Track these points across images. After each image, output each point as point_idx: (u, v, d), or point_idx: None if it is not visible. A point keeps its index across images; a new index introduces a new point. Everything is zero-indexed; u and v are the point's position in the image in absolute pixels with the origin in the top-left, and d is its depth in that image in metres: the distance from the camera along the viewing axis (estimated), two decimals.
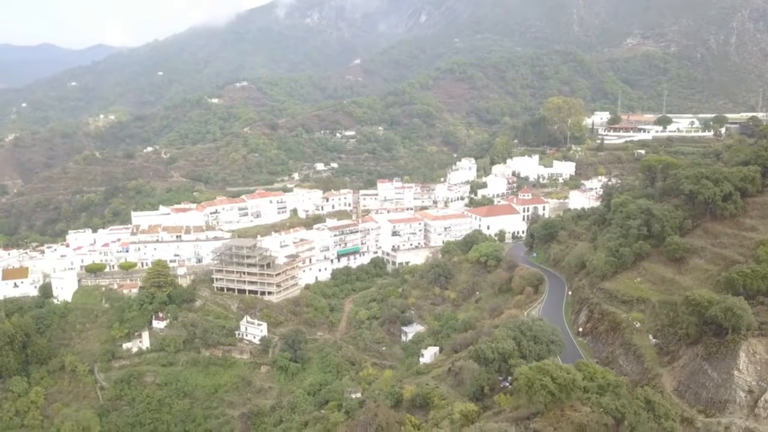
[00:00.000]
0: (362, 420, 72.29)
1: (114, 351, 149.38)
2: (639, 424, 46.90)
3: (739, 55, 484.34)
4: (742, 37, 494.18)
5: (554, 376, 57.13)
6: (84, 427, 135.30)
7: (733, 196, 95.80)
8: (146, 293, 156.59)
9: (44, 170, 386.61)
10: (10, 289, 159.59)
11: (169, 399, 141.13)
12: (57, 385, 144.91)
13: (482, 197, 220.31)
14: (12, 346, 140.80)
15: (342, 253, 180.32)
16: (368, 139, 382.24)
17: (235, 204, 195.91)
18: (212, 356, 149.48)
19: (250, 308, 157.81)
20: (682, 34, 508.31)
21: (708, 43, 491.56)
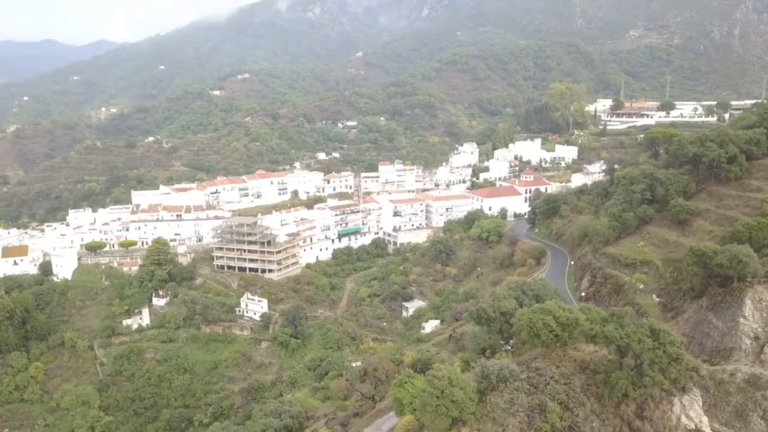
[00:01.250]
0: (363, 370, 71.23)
1: (114, 327, 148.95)
2: (644, 351, 45.84)
3: (742, 47, 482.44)
4: (745, 28, 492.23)
5: (556, 315, 55.99)
6: (83, 402, 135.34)
7: (738, 158, 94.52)
8: (146, 271, 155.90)
9: (46, 161, 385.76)
10: (9, 266, 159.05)
11: (169, 374, 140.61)
12: (57, 361, 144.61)
13: (484, 181, 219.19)
14: (11, 321, 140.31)
15: (343, 233, 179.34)
16: (370, 129, 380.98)
17: (236, 184, 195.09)
18: (212, 333, 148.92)
19: (250, 286, 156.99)
20: (685, 26, 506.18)
21: (711, 35, 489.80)
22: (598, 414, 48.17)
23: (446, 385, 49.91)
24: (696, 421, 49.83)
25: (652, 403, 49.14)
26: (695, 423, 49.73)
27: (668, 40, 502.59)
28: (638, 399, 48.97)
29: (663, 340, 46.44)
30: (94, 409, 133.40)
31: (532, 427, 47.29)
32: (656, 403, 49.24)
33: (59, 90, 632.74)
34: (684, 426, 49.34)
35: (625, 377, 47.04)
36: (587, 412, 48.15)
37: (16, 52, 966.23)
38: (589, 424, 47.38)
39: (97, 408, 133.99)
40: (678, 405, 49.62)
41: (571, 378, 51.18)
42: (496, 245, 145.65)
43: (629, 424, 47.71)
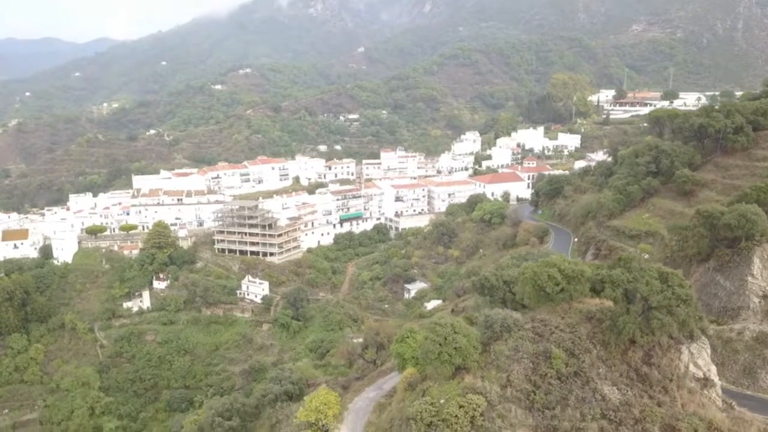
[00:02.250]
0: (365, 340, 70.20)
1: (114, 310, 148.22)
2: (652, 293, 44.69)
3: (745, 41, 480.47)
4: (748, 22, 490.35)
5: (561, 268, 54.95)
6: (83, 383, 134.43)
7: (745, 128, 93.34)
8: (147, 254, 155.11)
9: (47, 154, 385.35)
10: (10, 250, 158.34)
11: (170, 356, 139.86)
12: (57, 343, 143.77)
13: (486, 168, 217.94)
14: (11, 302, 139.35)
15: (344, 218, 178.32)
16: (372, 122, 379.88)
17: (237, 170, 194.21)
18: (213, 315, 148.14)
19: (251, 269, 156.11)
20: (688, 20, 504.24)
21: (714, 29, 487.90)
22: (604, 360, 47.11)
23: (449, 332, 48.95)
24: (704, 370, 48.83)
25: (659, 351, 48.09)
26: (704, 372, 48.73)
27: (671, 34, 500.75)
28: (645, 346, 47.92)
29: (672, 283, 45.35)
30: (94, 390, 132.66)
31: (536, 373, 46.23)
32: (664, 350, 48.20)
33: (61, 86, 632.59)
34: (692, 374, 48.33)
35: (632, 321, 45.96)
36: (593, 358, 47.08)
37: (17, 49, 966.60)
38: (595, 370, 46.31)
39: (97, 389, 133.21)
40: (686, 353, 48.60)
41: (577, 327, 50.12)
42: (498, 227, 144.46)
43: (636, 370, 46.64)
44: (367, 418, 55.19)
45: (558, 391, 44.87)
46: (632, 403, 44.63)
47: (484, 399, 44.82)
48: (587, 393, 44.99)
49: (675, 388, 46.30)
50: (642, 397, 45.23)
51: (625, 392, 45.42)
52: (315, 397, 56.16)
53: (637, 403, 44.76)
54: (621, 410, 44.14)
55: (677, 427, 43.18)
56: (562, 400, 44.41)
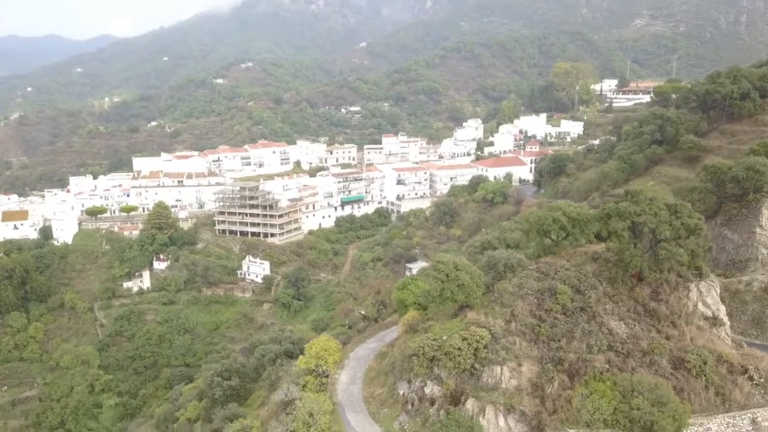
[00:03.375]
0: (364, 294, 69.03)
1: (114, 290, 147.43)
2: (660, 224, 43.49)
3: (749, 34, 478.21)
4: (752, 15, 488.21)
5: (566, 211, 53.89)
6: (83, 361, 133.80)
7: (752, 94, 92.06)
8: (147, 234, 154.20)
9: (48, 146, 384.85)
10: (9, 231, 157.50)
11: (170, 335, 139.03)
12: (56, 322, 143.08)
13: (488, 154, 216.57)
14: (11, 281, 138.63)
15: (346, 201, 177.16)
16: (373, 114, 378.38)
17: (238, 153, 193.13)
18: (214, 295, 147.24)
19: (252, 249, 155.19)
20: (691, 14, 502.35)
21: (718, 22, 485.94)
22: (610, 297, 46.07)
23: (452, 269, 47.92)
24: (713, 309, 47.74)
25: (667, 288, 47.03)
26: (712, 311, 47.64)
27: (674, 28, 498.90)
28: (653, 284, 46.88)
29: (681, 213, 44.21)
30: (93, 368, 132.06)
31: (541, 308, 45.20)
32: (672, 288, 47.15)
33: (62, 81, 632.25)
34: (701, 313, 47.24)
35: (639, 255, 44.87)
36: (599, 294, 46.03)
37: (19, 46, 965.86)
38: (601, 306, 45.25)
39: (96, 367, 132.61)
40: (694, 291, 47.53)
41: (583, 266, 49.11)
42: (500, 206, 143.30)
43: (644, 306, 45.56)
44: (368, 365, 54.13)
45: (563, 325, 43.83)
46: (640, 337, 43.60)
47: (488, 332, 43.79)
48: (593, 327, 43.95)
49: (683, 324, 45.22)
50: (650, 332, 44.19)
51: (632, 326, 44.37)
52: (315, 344, 55.12)
53: (644, 336, 43.73)
54: (628, 342, 43.08)
55: (686, 359, 42.07)
56: (568, 333, 43.37)
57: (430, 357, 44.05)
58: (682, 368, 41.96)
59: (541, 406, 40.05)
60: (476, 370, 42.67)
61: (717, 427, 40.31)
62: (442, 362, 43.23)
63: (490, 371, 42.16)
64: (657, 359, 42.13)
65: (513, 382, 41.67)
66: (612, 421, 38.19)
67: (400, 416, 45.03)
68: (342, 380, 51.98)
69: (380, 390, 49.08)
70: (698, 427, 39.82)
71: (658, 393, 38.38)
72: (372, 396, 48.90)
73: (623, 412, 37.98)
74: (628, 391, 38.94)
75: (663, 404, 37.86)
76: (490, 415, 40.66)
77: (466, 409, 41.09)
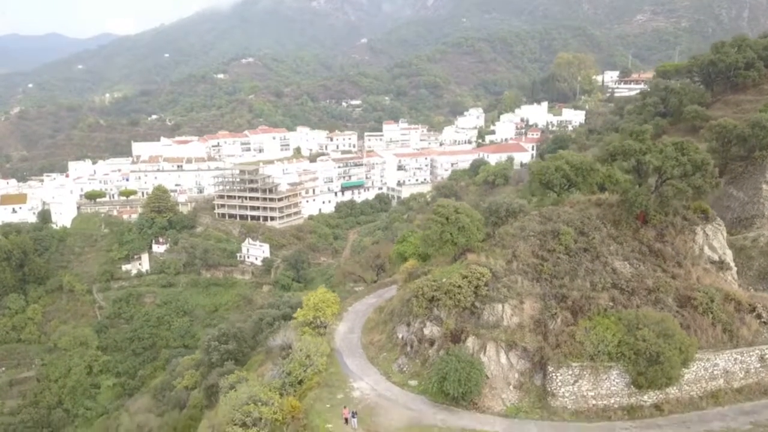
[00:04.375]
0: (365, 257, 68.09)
1: (113, 272, 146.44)
2: (666, 159, 42.38)
3: (751, 29, 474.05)
4: (754, 11, 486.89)
5: (569, 160, 52.95)
6: (81, 342, 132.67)
7: (756, 64, 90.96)
8: (146, 218, 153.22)
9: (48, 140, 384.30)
10: (8, 214, 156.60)
11: (169, 317, 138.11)
12: (54, 305, 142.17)
13: (489, 142, 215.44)
14: (9, 263, 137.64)
15: (346, 186, 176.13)
16: (374, 108, 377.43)
17: (238, 138, 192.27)
18: (213, 277, 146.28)
19: (251, 232, 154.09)
20: (693, 9, 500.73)
21: (720, 18, 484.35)
22: (614, 238, 44.96)
23: (452, 212, 46.89)
24: (720, 253, 46.62)
25: (673, 231, 45.94)
26: (719, 254, 46.52)
27: (676, 23, 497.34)
28: (658, 226, 45.78)
29: (687, 150, 43.12)
30: (91, 349, 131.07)
31: (544, 248, 44.08)
32: (677, 230, 46.02)
33: (63, 78, 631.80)
34: (707, 257, 46.09)
35: (644, 193, 43.76)
36: (603, 236, 44.93)
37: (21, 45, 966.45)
38: (605, 246, 44.14)
39: (95, 348, 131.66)
40: (700, 234, 46.41)
41: (586, 210, 48.01)
42: (502, 188, 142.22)
43: (649, 246, 44.42)
44: (367, 317, 53.12)
45: (566, 264, 42.72)
46: (645, 275, 42.48)
47: (489, 271, 42.72)
48: (597, 266, 42.83)
49: (689, 264, 44.10)
50: (655, 271, 43.09)
51: (636, 266, 43.26)
52: (313, 296, 54.09)
53: (649, 275, 42.61)
54: (633, 281, 41.96)
55: (692, 296, 40.93)
56: (571, 271, 42.25)
57: (429, 297, 42.98)
58: (689, 306, 40.83)
59: (544, 342, 38.95)
60: (476, 308, 41.58)
61: (724, 362, 39.22)
62: (441, 301, 42.15)
63: (491, 309, 41.05)
64: (662, 297, 41.00)
65: (515, 319, 40.57)
66: (617, 353, 37.12)
67: (398, 359, 44.00)
68: (340, 330, 51.01)
69: (379, 336, 48.10)
70: (705, 362, 38.73)
71: (664, 326, 37.29)
72: (371, 343, 47.91)
73: (628, 344, 36.89)
74: (633, 324, 37.85)
75: (669, 336, 36.79)
76: (491, 352, 39.58)
77: (467, 347, 40.02)
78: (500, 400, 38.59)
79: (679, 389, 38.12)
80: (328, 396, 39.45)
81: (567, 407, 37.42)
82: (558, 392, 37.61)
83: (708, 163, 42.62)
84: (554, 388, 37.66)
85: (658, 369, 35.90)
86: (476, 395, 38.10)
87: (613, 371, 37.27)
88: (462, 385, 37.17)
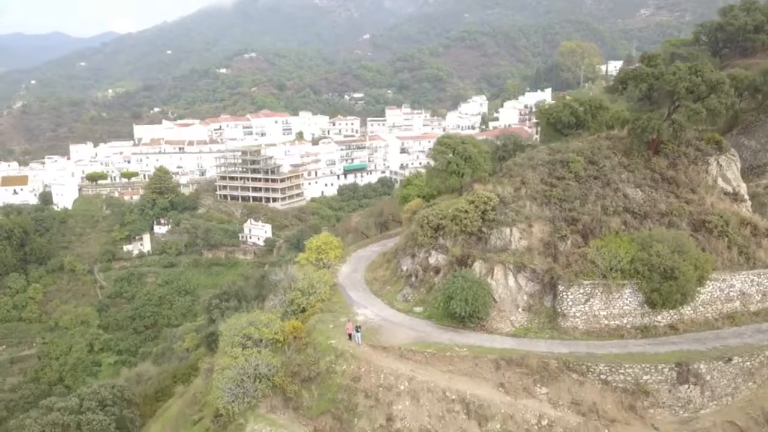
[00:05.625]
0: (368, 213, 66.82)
1: (114, 252, 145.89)
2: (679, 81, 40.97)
3: None
4: None
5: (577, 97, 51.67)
6: (82, 321, 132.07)
7: (766, 26, 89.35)
8: (147, 199, 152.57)
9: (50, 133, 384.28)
10: (9, 195, 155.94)
11: (170, 296, 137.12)
12: (55, 284, 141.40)
13: (493, 128, 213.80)
14: (9, 242, 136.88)
15: (348, 169, 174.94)
16: (377, 101, 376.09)
17: (240, 122, 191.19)
18: (215, 257, 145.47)
19: (253, 213, 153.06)
20: (697, 3, 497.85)
21: None
22: (626, 166, 43.61)
23: (458, 143, 45.68)
24: (734, 185, 45.29)
25: (686, 160, 44.59)
26: (733, 187, 45.17)
27: (680, 17, 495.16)
28: (671, 155, 44.42)
29: (702, 70, 41.77)
30: (93, 327, 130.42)
31: (553, 176, 42.80)
32: (690, 160, 44.69)
33: (66, 75, 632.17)
34: (721, 189, 44.74)
35: (657, 118, 42.38)
36: (614, 164, 43.61)
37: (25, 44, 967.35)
38: (617, 174, 42.81)
39: (96, 327, 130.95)
40: (714, 165, 45.12)
41: (596, 143, 46.74)
42: None
43: (661, 174, 43.08)
44: (371, 261, 51.87)
45: (577, 190, 41.43)
46: (658, 201, 41.19)
47: (497, 196, 41.50)
48: (608, 192, 41.54)
49: (703, 192, 42.80)
50: (668, 197, 41.75)
51: (649, 193, 41.94)
52: (315, 239, 52.94)
53: (662, 201, 41.30)
54: (646, 205, 40.68)
55: (707, 219, 39.62)
56: (582, 196, 40.97)
57: (434, 226, 41.71)
58: (703, 230, 39.53)
59: (554, 263, 37.66)
60: (483, 233, 40.33)
61: (741, 284, 37.91)
62: (447, 228, 40.90)
63: (498, 233, 39.79)
64: (676, 221, 39.69)
65: (523, 242, 39.30)
66: (630, 270, 35.80)
67: (403, 290, 42.76)
68: (344, 270, 49.78)
69: (383, 272, 46.90)
70: (721, 282, 37.42)
71: (679, 242, 36.05)
72: (374, 278, 46.71)
73: (642, 260, 35.58)
74: (647, 243, 36.56)
75: (684, 252, 35.51)
76: (499, 275, 38.31)
77: (473, 271, 38.75)
78: (508, 322, 37.33)
79: (694, 310, 36.84)
80: (332, 319, 38.26)
81: (578, 327, 36.14)
82: (569, 312, 36.33)
83: (723, 83, 41.27)
84: (565, 308, 36.38)
85: (673, 284, 34.60)
86: (484, 315, 36.85)
87: (626, 289, 35.98)
88: (469, 305, 35.89)
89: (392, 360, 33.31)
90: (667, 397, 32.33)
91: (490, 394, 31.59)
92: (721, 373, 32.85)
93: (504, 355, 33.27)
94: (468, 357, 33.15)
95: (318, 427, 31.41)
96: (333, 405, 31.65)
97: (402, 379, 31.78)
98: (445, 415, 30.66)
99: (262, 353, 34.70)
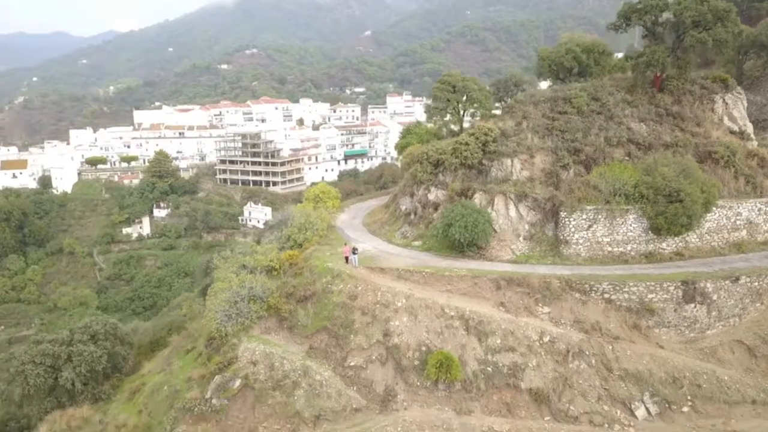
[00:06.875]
0: None
1: (113, 235, 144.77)
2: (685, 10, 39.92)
3: None
4: None
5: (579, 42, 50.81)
6: (81, 303, 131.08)
7: None
8: (147, 182, 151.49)
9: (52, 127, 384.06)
10: (8, 179, 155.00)
11: (169, 278, 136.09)
12: (54, 267, 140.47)
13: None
14: (8, 223, 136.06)
15: (349, 155, 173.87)
16: (378, 95, 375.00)
17: (240, 108, 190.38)
18: (214, 240, 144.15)
19: (253, 197, 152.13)
20: None
21: None
22: (629, 102, 42.72)
23: (459, 81, 44.81)
24: (740, 124, 44.35)
25: (691, 98, 43.69)
26: (739, 126, 44.23)
27: None
28: (675, 92, 43.52)
29: None
30: (91, 309, 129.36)
31: (555, 111, 41.90)
32: (696, 98, 43.78)
33: (68, 72, 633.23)
34: (726, 128, 43.81)
35: (661, 51, 41.44)
36: (617, 100, 42.72)
37: (27, 43, 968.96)
38: (620, 110, 41.91)
39: (95, 308, 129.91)
40: (720, 103, 44.18)
41: (599, 82, 45.83)
42: None
43: (666, 109, 42.17)
44: (369, 210, 51.04)
45: (579, 123, 40.54)
46: (662, 133, 40.28)
47: (498, 129, 40.63)
48: (612, 125, 40.65)
49: (709, 125, 41.89)
50: (673, 131, 40.85)
51: (653, 127, 41.05)
52: (313, 189, 52.11)
53: (667, 134, 40.40)
54: (650, 137, 39.79)
55: (713, 150, 38.72)
56: (584, 129, 40.08)
57: (434, 161, 40.89)
58: (709, 160, 38.68)
59: (556, 191, 36.75)
60: (484, 165, 39.48)
61: (748, 212, 37.03)
62: (447, 162, 40.02)
63: (499, 164, 38.93)
64: (681, 151, 38.78)
65: (525, 173, 38.44)
66: (635, 194, 34.87)
67: (402, 227, 41.91)
68: (342, 218, 48.97)
69: (381, 216, 46.07)
70: (728, 210, 36.53)
71: (685, 165, 35.14)
72: (373, 221, 45.90)
73: (646, 183, 34.66)
74: (651, 167, 35.65)
75: (690, 175, 34.59)
76: (500, 206, 37.40)
77: (474, 202, 37.83)
78: (509, 250, 36.43)
79: (700, 238, 35.92)
80: (329, 250, 37.43)
81: (581, 254, 35.25)
82: (571, 239, 35.42)
83: (730, 11, 40.34)
84: (567, 234, 35.48)
85: (679, 207, 33.63)
86: (484, 244, 35.93)
87: (630, 215, 35.06)
88: (469, 231, 34.93)
89: (389, 280, 32.47)
90: (672, 316, 31.43)
91: (490, 311, 30.70)
92: (728, 292, 31.93)
93: (504, 276, 32.37)
94: (467, 277, 32.30)
95: (313, 344, 30.53)
96: (329, 322, 30.79)
97: (399, 296, 30.92)
98: (444, 330, 29.77)
99: (257, 277, 33.86)
